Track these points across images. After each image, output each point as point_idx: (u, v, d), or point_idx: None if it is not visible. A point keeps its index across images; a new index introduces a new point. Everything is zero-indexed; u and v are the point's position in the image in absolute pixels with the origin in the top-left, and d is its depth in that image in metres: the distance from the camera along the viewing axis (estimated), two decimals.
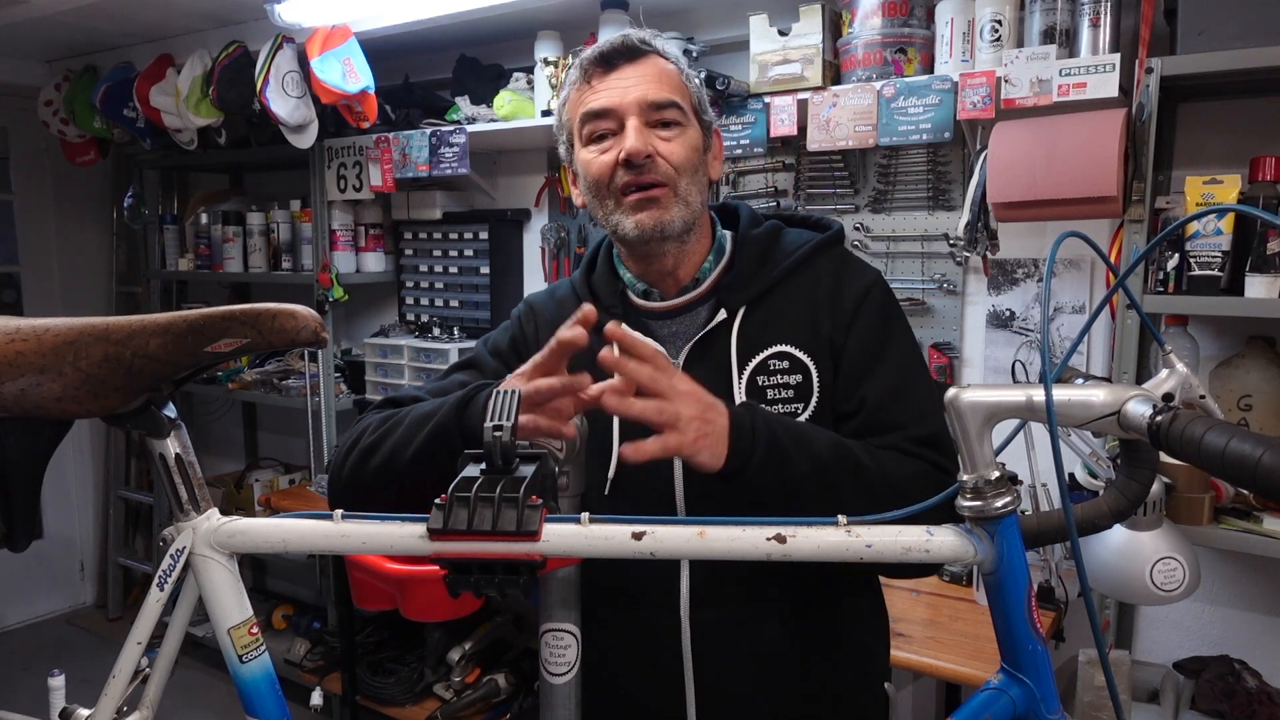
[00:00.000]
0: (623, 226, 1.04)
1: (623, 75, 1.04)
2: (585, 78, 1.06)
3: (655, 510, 1.02)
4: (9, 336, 0.74)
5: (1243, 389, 1.66)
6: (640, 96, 1.02)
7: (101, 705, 0.80)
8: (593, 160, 1.05)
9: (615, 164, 1.02)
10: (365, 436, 1.02)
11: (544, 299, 1.21)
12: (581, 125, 1.06)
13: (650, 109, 1.03)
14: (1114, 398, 0.67)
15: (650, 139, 1.02)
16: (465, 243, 2.79)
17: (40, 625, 3.74)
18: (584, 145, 1.07)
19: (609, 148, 1.04)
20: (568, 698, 0.94)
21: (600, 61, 1.05)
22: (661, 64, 1.06)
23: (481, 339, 1.21)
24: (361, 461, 1.01)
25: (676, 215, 1.03)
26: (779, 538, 0.71)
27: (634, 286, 1.12)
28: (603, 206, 1.06)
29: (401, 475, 0.97)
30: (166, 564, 0.79)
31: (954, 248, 2.07)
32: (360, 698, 2.71)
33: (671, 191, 1.03)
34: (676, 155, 1.03)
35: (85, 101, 3.08)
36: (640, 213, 1.03)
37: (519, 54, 2.59)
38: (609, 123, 1.04)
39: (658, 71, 1.05)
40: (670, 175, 1.03)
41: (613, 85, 1.04)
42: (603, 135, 1.04)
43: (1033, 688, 0.73)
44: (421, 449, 0.95)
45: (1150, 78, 1.58)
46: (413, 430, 0.97)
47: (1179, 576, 1.13)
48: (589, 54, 1.06)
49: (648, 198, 1.03)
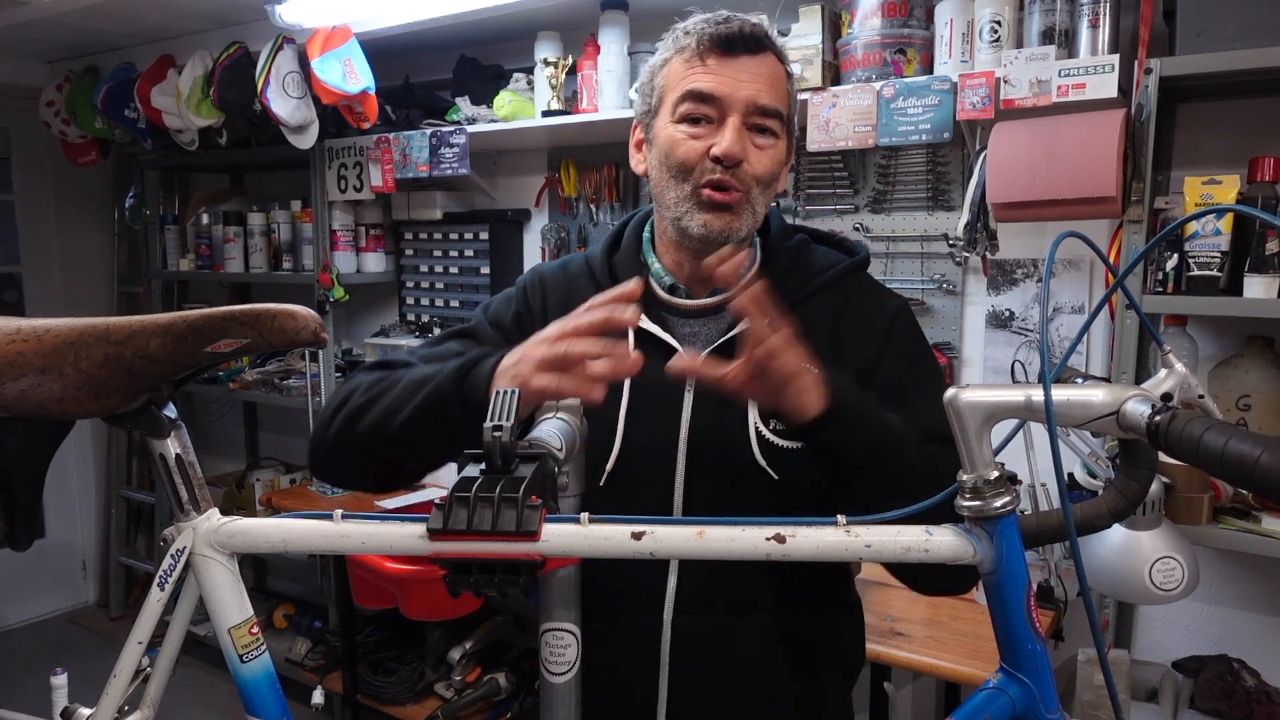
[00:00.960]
0: (690, 221, 1.01)
1: (740, 66, 0.98)
2: (699, 53, 0.99)
3: (652, 507, 1.02)
4: (10, 337, 0.74)
5: (1241, 389, 1.66)
6: (752, 96, 0.98)
7: (103, 704, 0.80)
8: (680, 142, 1.00)
9: (704, 154, 0.99)
10: (355, 397, 0.98)
11: (555, 273, 1.15)
12: (679, 100, 1.00)
13: (756, 112, 0.99)
14: (1113, 398, 0.67)
15: (746, 144, 0.99)
16: (465, 243, 2.79)
17: (42, 624, 3.74)
18: (674, 120, 1.01)
19: (702, 135, 0.99)
20: (568, 697, 0.94)
21: (721, 43, 0.99)
22: (776, 66, 1.01)
23: (480, 306, 1.16)
24: (349, 422, 0.96)
25: (744, 224, 1.01)
26: (778, 538, 0.71)
27: (661, 279, 1.08)
28: (674, 189, 1.02)
29: (391, 440, 0.93)
30: (167, 564, 0.79)
31: (953, 248, 2.07)
32: (361, 697, 2.72)
33: (745, 199, 1.00)
34: (763, 167, 1.00)
35: (86, 102, 3.08)
36: (710, 213, 1.00)
37: (519, 54, 2.59)
38: (711, 109, 0.99)
39: (772, 74, 1.00)
40: (749, 184, 1.00)
41: (727, 73, 0.98)
42: (698, 119, 1.00)
43: (1032, 687, 0.73)
44: (417, 413, 0.91)
45: (1149, 78, 1.58)
46: (408, 394, 0.93)
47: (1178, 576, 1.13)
48: (710, 28, 0.99)
49: (725, 202, 0.99)
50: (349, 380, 1.03)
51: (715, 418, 1.02)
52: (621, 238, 1.15)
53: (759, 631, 1.04)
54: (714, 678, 1.04)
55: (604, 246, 1.14)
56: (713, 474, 1.03)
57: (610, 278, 1.10)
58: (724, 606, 1.03)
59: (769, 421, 1.02)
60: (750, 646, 1.04)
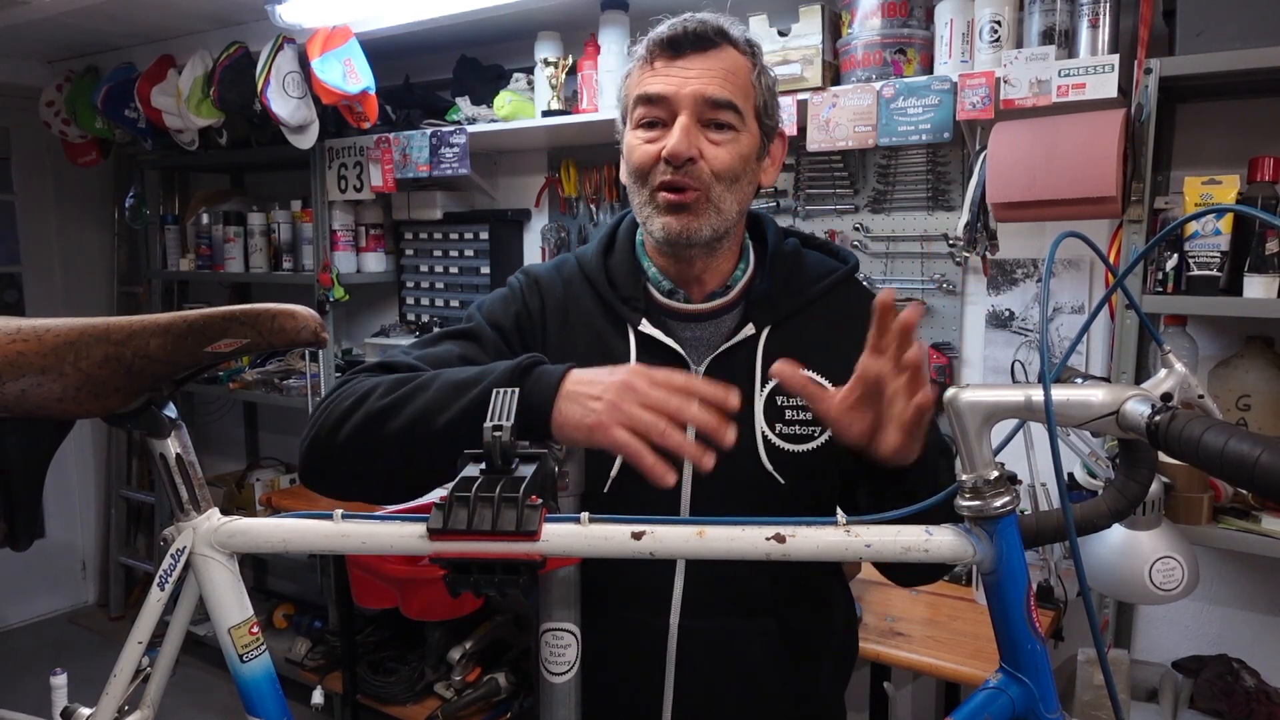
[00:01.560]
0: (652, 224, 1.01)
1: (687, 64, 0.98)
2: (649, 58, 1.00)
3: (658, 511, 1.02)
4: (10, 337, 0.74)
5: (1241, 389, 1.66)
6: (698, 91, 0.97)
7: (103, 704, 0.80)
8: (636, 147, 1.00)
9: (657, 156, 0.98)
10: (374, 399, 0.90)
11: (550, 274, 1.13)
12: (634, 106, 1.01)
13: (706, 106, 0.97)
14: (1113, 397, 0.67)
15: (698, 140, 0.97)
16: (465, 243, 2.79)
17: (42, 624, 3.74)
18: (633, 127, 1.02)
19: (656, 138, 0.99)
20: (568, 697, 0.94)
21: (667, 45, 0.99)
22: (733, 58, 0.99)
23: (475, 304, 1.11)
24: (370, 425, 0.88)
25: (705, 224, 0.99)
26: (778, 537, 0.71)
27: (659, 284, 1.07)
28: (639, 195, 1.03)
29: (426, 443, 0.86)
30: (167, 564, 0.79)
31: (953, 248, 2.07)
32: (361, 696, 2.72)
33: (704, 197, 0.99)
34: (720, 161, 0.98)
35: (87, 102, 3.08)
36: (669, 215, 0.99)
37: (519, 54, 2.59)
38: (661, 111, 0.98)
39: (726, 67, 0.99)
40: (707, 181, 0.98)
41: (674, 73, 0.98)
42: (652, 122, 0.99)
43: (1032, 687, 0.73)
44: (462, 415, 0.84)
45: (1149, 78, 1.58)
46: (448, 395, 0.86)
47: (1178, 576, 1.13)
48: (657, 33, 1.00)
49: (679, 202, 0.98)
50: (349, 383, 0.95)
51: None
52: (614, 240, 1.13)
53: (764, 633, 1.04)
54: (719, 681, 1.04)
55: (598, 250, 1.12)
56: (719, 480, 1.01)
57: (609, 284, 1.08)
58: (730, 610, 1.03)
59: (775, 426, 1.02)
60: (755, 649, 1.04)
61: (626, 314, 1.06)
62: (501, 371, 0.87)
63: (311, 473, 0.95)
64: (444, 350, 1.04)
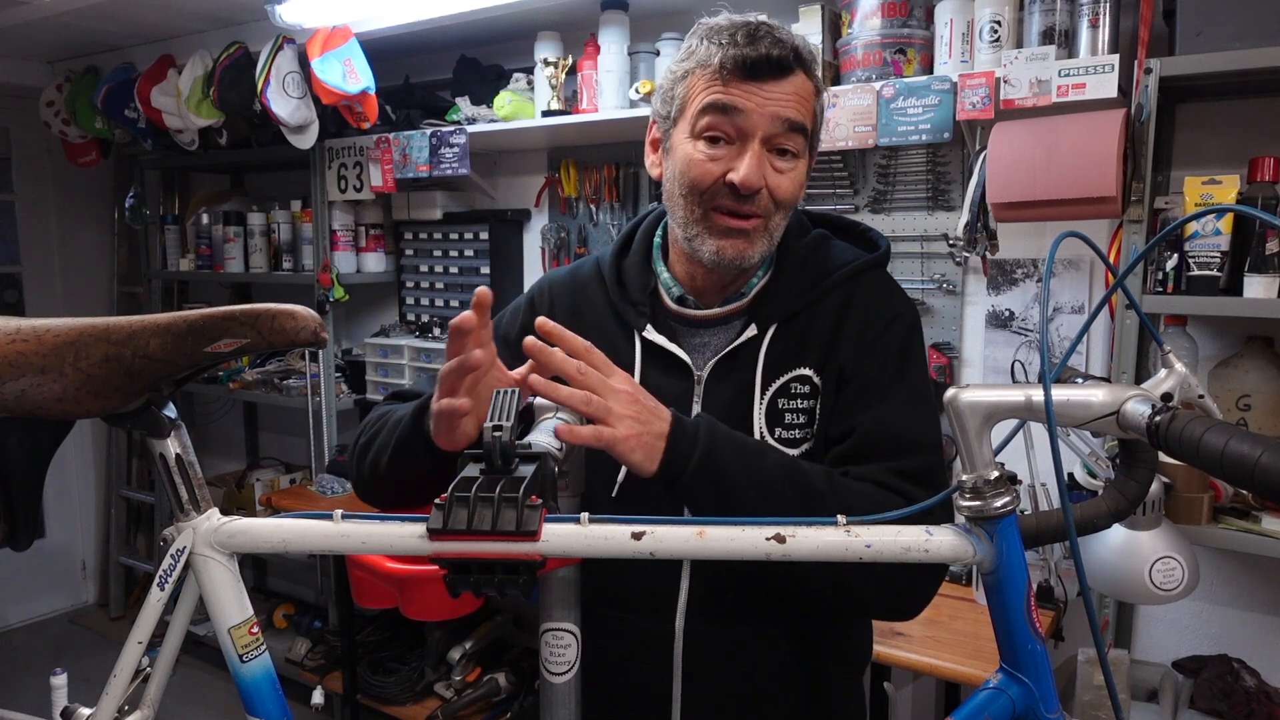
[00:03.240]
0: (701, 244, 0.97)
1: (764, 89, 0.94)
2: (722, 75, 0.94)
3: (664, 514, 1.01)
4: (10, 337, 0.74)
5: (1241, 389, 1.66)
6: (776, 113, 0.93)
7: (103, 704, 0.80)
8: (698, 162, 0.95)
9: (719, 178, 0.94)
10: (363, 435, 1.03)
11: (564, 282, 1.12)
12: (700, 114, 0.95)
13: (780, 129, 0.94)
14: (1113, 398, 0.67)
15: (765, 169, 0.94)
16: (465, 243, 2.79)
17: (42, 624, 3.74)
18: (693, 135, 0.96)
19: (720, 156, 0.95)
20: (568, 697, 0.94)
21: (746, 68, 0.93)
22: (804, 84, 0.96)
23: (495, 318, 1.12)
24: (360, 461, 1.03)
25: (759, 250, 0.98)
26: (778, 538, 0.71)
27: (670, 290, 1.06)
28: (687, 210, 0.98)
29: (388, 478, 0.98)
30: (167, 564, 0.79)
31: (953, 248, 2.07)
32: (361, 696, 2.72)
33: (763, 225, 0.97)
34: (784, 191, 0.96)
35: (87, 102, 3.08)
36: (724, 240, 0.96)
37: (519, 54, 2.59)
38: (730, 127, 0.94)
39: (799, 92, 0.95)
40: (769, 210, 0.96)
41: (750, 92, 0.93)
42: (717, 138, 0.95)
43: (1032, 687, 0.73)
44: (394, 456, 0.96)
45: (1149, 78, 1.58)
46: (389, 434, 0.98)
47: (1178, 576, 1.13)
48: (736, 50, 0.93)
49: (739, 228, 0.96)
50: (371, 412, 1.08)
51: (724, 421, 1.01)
52: (631, 241, 1.12)
53: (772, 636, 1.03)
54: (728, 685, 1.03)
55: (615, 249, 1.11)
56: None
57: (618, 284, 1.08)
58: (737, 610, 1.02)
59: (775, 430, 1.01)
60: (764, 651, 1.03)
61: (633, 319, 1.06)
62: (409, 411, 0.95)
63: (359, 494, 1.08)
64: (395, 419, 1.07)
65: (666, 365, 1.04)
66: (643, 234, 1.12)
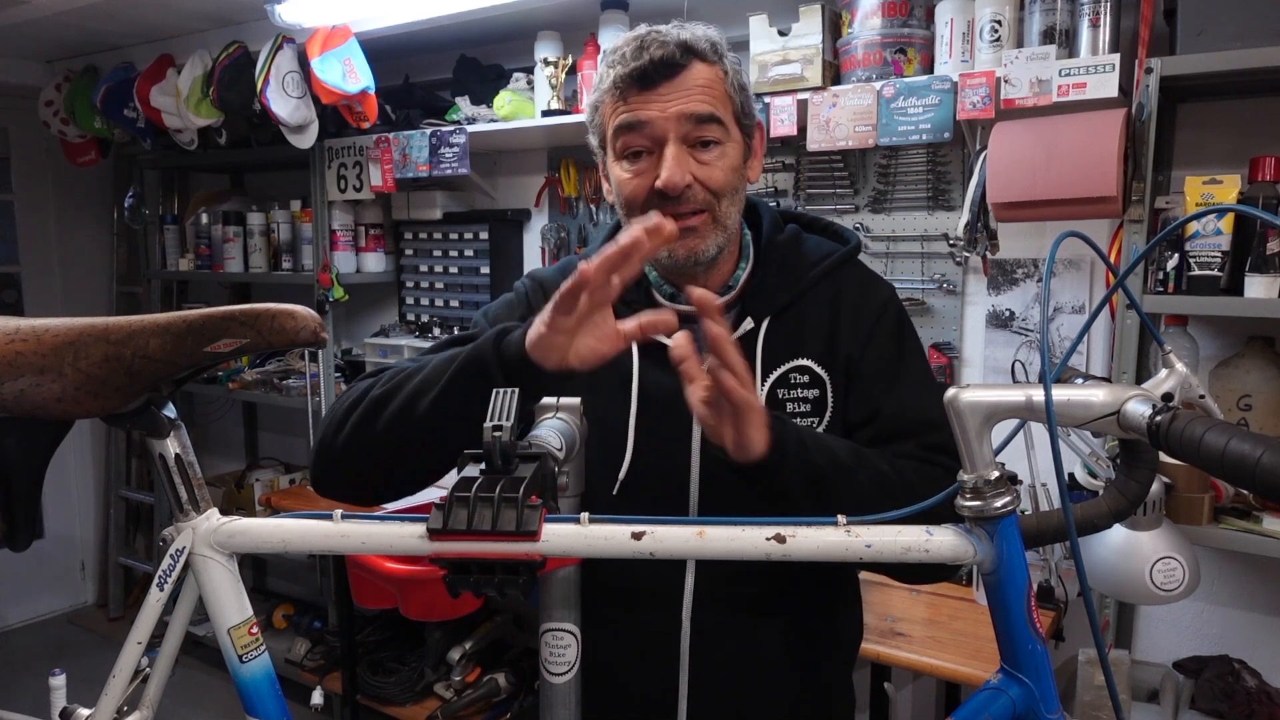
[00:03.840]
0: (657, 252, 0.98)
1: (662, 93, 0.95)
2: (619, 94, 0.97)
3: (668, 509, 1.02)
4: (9, 337, 0.74)
5: (1242, 389, 1.66)
6: (680, 112, 0.95)
7: (102, 705, 0.80)
8: (626, 180, 0.98)
9: (650, 189, 0.96)
10: (374, 389, 0.94)
11: (555, 277, 1.12)
12: (614, 138, 0.99)
13: (691, 125, 0.96)
14: (1113, 398, 0.67)
15: (688, 164, 0.96)
16: (465, 243, 2.79)
17: (41, 625, 3.74)
18: (616, 158, 1.00)
19: (643, 169, 0.97)
20: (568, 697, 0.94)
21: (637, 80, 0.95)
22: (704, 72, 0.97)
23: (480, 312, 1.14)
24: (369, 416, 0.92)
25: (712, 243, 0.99)
26: (779, 538, 0.71)
27: (660, 287, 1.08)
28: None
29: (419, 424, 0.89)
30: (166, 564, 0.79)
31: (954, 248, 2.07)
32: (361, 697, 2.71)
33: (710, 217, 0.98)
34: (716, 179, 0.97)
35: (86, 102, 3.08)
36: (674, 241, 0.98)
37: (519, 54, 2.59)
38: (644, 139, 0.96)
39: (701, 83, 0.96)
40: (709, 201, 0.97)
41: (651, 102, 0.96)
42: (637, 152, 0.97)
43: (1032, 687, 0.73)
44: (451, 386, 0.88)
45: (1150, 78, 1.58)
46: (436, 372, 0.90)
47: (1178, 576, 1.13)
48: (625, 68, 0.96)
49: (684, 227, 0.96)
50: (350, 389, 0.99)
51: None
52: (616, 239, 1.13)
53: (775, 627, 1.05)
54: (733, 674, 1.05)
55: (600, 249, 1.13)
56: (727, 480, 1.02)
57: None
58: (741, 604, 1.04)
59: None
60: (767, 642, 1.05)
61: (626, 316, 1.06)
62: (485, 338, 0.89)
63: (319, 476, 0.98)
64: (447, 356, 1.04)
65: (662, 361, 1.04)
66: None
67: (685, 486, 1.03)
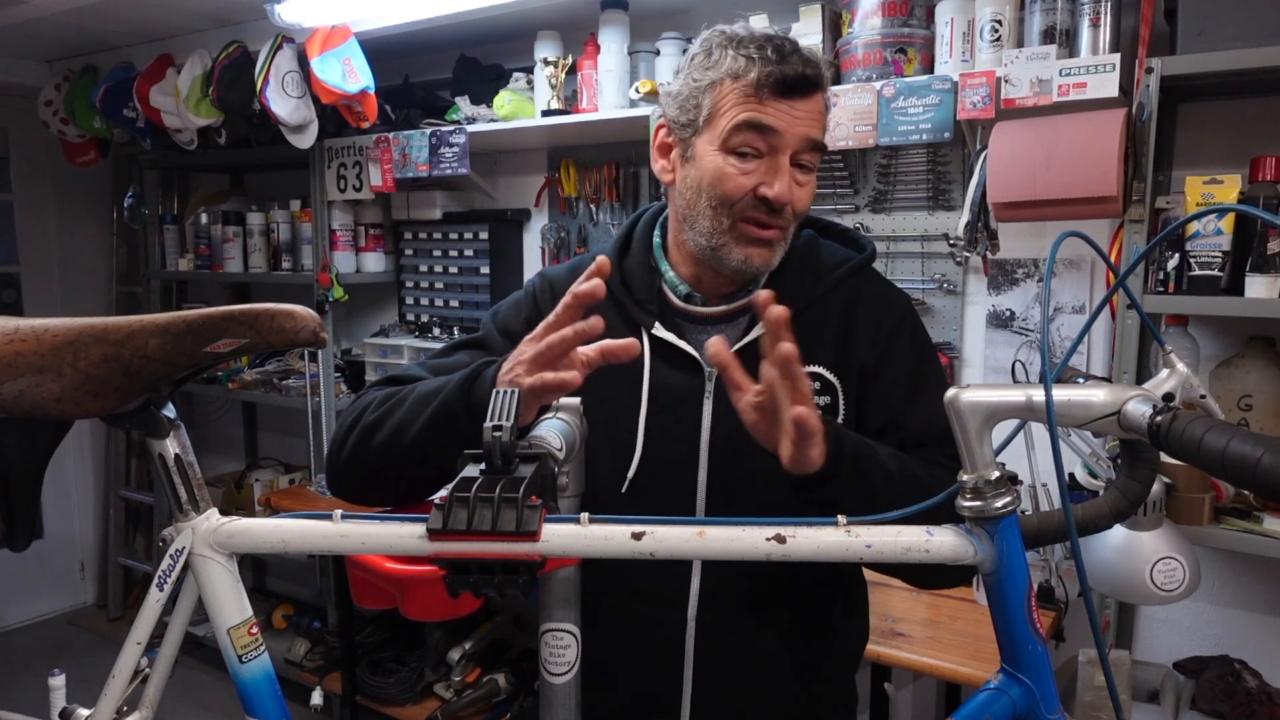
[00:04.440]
0: (729, 253, 1.00)
1: (795, 106, 0.97)
2: (756, 90, 0.96)
3: (676, 510, 1.02)
4: (8, 337, 0.74)
5: (1243, 389, 1.65)
6: (805, 135, 0.97)
7: (101, 705, 0.80)
8: (729, 176, 0.98)
9: (750, 191, 0.98)
10: (367, 414, 0.99)
11: (565, 277, 1.13)
12: (734, 130, 0.97)
13: (806, 148, 0.98)
14: (1114, 398, 0.67)
15: (793, 184, 0.99)
16: (465, 243, 2.79)
17: (41, 625, 3.74)
18: (722, 149, 0.98)
19: (751, 170, 0.98)
20: (568, 698, 0.94)
21: (780, 87, 0.96)
22: (821, 100, 1.00)
23: (490, 312, 1.15)
24: (363, 440, 0.98)
25: (778, 257, 1.03)
26: (779, 538, 0.71)
27: (675, 288, 1.08)
28: (714, 220, 1.00)
29: (404, 455, 0.94)
30: (166, 564, 0.79)
31: (954, 248, 2.07)
32: (360, 697, 2.71)
33: (783, 234, 1.01)
34: (803, 203, 1.01)
35: (85, 101, 3.08)
36: (752, 248, 1.00)
37: (519, 54, 2.59)
38: (763, 143, 0.97)
39: (819, 110, 1.00)
40: (790, 220, 1.01)
41: (783, 110, 0.97)
42: (746, 152, 0.98)
43: (1032, 688, 0.73)
44: (427, 427, 0.92)
45: (1150, 78, 1.58)
46: (416, 408, 0.94)
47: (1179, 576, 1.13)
48: (770, 68, 0.95)
49: (765, 239, 1.00)
50: (361, 397, 1.04)
51: (736, 423, 1.01)
52: (630, 241, 1.13)
53: (780, 626, 1.05)
54: (737, 672, 1.05)
55: (614, 251, 1.12)
56: (735, 480, 1.03)
57: (624, 286, 1.09)
58: (747, 604, 1.04)
59: None
60: (771, 642, 1.05)
61: (640, 317, 1.07)
62: (455, 380, 0.93)
63: (331, 486, 1.05)
64: (455, 361, 1.07)
65: (675, 362, 1.05)
66: (641, 233, 1.13)
67: (693, 485, 1.04)
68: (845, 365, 1.05)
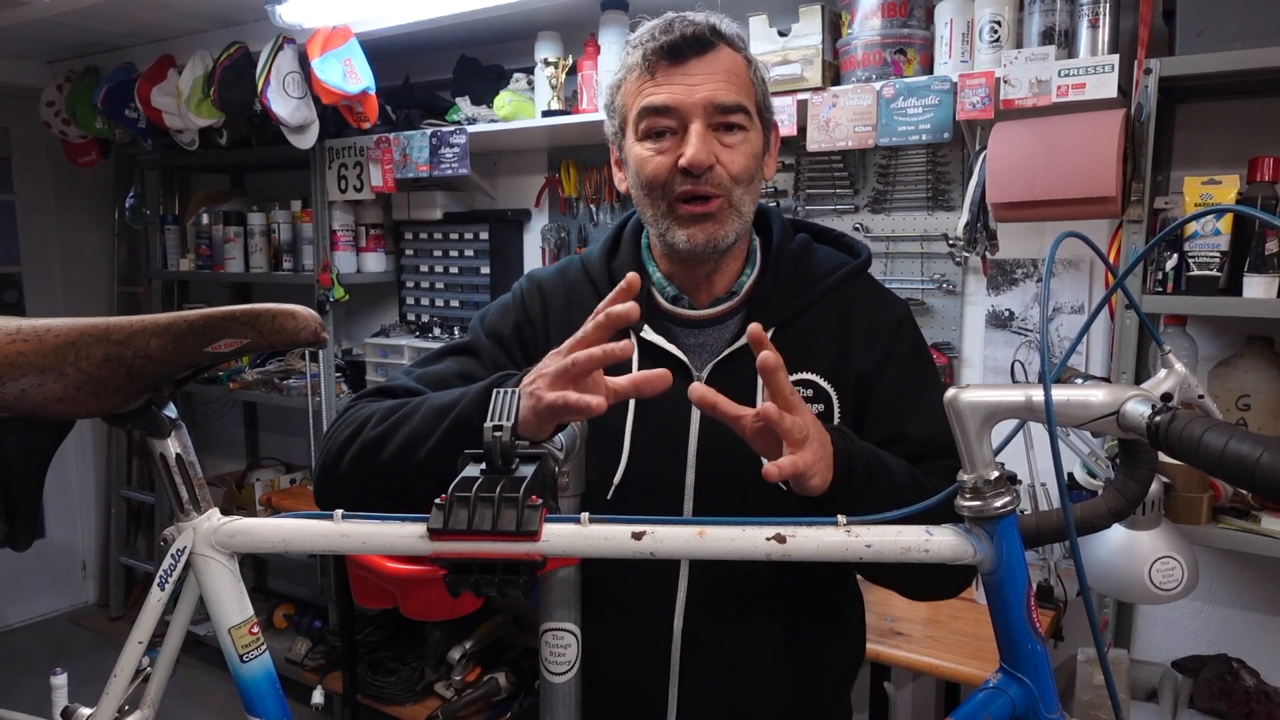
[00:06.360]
0: (673, 237, 0.99)
1: (690, 70, 0.95)
2: (647, 67, 0.97)
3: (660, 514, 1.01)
4: (10, 337, 0.74)
5: (1241, 389, 1.66)
6: (708, 98, 0.95)
7: (103, 704, 0.80)
8: (648, 159, 0.98)
9: (673, 168, 0.96)
10: (369, 429, 0.95)
11: (553, 278, 1.12)
12: (639, 119, 0.98)
13: (716, 111, 0.96)
14: (1113, 398, 0.67)
15: (712, 146, 0.96)
16: (465, 243, 2.79)
17: (42, 624, 3.74)
18: (638, 139, 0.99)
19: (666, 149, 0.97)
20: (568, 697, 0.94)
21: (667, 53, 0.95)
22: (731, 57, 0.98)
23: (478, 316, 1.13)
24: (366, 455, 0.94)
25: (730, 229, 0.99)
26: (779, 538, 0.71)
27: (663, 289, 1.07)
28: (653, 207, 1.00)
29: (417, 469, 0.91)
30: (167, 564, 0.79)
31: (953, 248, 2.07)
32: (361, 696, 2.72)
33: (726, 202, 0.98)
34: (737, 165, 0.97)
35: (87, 102, 3.08)
36: (693, 226, 0.98)
37: (519, 54, 2.59)
38: (669, 120, 0.96)
39: (728, 68, 0.97)
40: (727, 186, 0.97)
41: (678, 80, 0.95)
42: (660, 133, 0.97)
43: (1031, 687, 0.73)
44: (443, 441, 0.89)
45: (1149, 78, 1.58)
46: (431, 420, 0.91)
47: (1177, 576, 1.13)
48: (655, 42, 0.96)
49: (704, 212, 0.97)
50: (352, 410, 1.00)
51: (724, 430, 1.01)
52: (619, 242, 1.12)
53: (769, 635, 1.04)
54: (724, 683, 1.04)
55: (602, 252, 1.12)
56: (722, 486, 1.02)
57: (611, 285, 1.07)
58: (735, 611, 1.03)
59: None
60: (760, 650, 1.04)
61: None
62: (474, 392, 0.90)
63: (323, 497, 1.00)
64: (444, 368, 1.05)
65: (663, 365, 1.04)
66: (629, 235, 1.12)
67: (680, 493, 1.03)
68: (841, 373, 1.03)
